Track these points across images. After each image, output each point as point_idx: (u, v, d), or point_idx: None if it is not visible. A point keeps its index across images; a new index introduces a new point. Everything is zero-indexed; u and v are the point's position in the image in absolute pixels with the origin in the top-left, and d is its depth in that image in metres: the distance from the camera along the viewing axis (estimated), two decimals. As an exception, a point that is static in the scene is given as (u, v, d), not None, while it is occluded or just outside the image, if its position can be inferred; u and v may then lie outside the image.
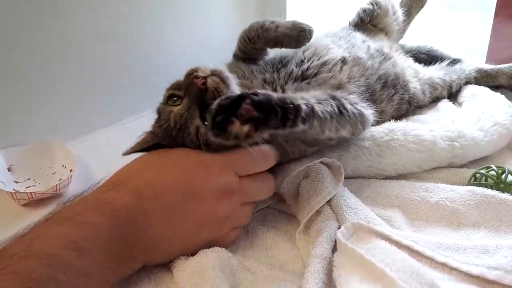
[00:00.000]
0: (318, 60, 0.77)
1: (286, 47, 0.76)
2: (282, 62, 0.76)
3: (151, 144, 0.65)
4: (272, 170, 0.66)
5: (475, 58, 1.19)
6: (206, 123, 0.59)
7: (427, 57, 1.10)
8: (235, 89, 0.63)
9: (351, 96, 0.73)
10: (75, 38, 1.00)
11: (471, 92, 0.97)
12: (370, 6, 1.02)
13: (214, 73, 0.61)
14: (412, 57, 1.05)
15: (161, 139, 0.64)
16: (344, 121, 0.66)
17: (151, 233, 0.53)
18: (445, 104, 0.95)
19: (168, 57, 1.25)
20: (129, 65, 1.15)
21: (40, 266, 0.43)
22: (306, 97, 0.61)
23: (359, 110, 0.70)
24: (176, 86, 0.66)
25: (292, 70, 0.74)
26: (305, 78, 0.74)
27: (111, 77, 1.11)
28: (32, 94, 0.94)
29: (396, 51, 0.97)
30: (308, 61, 0.77)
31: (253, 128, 0.52)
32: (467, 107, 0.90)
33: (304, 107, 0.57)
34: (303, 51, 0.79)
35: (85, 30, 1.01)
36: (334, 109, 0.63)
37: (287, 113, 0.54)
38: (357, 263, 0.51)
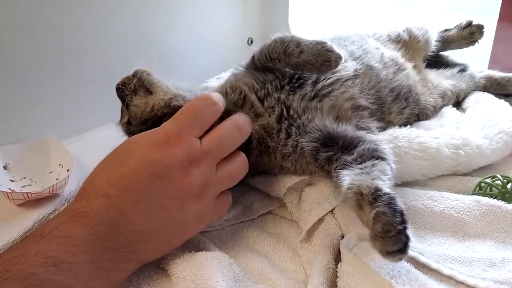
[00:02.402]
0: (332, 77, 0.74)
1: (307, 72, 0.73)
2: (299, 80, 0.73)
3: None
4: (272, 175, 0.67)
5: (477, 62, 1.18)
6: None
7: (432, 61, 1.09)
8: (154, 81, 0.71)
9: (378, 138, 0.69)
10: (73, 37, 0.99)
11: (475, 99, 0.97)
12: (401, 32, 0.99)
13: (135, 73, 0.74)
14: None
15: None
16: None
17: (134, 227, 0.51)
18: (448, 110, 0.93)
19: (167, 56, 1.23)
20: (127, 64, 1.12)
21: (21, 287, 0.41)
22: (383, 178, 0.57)
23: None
24: None
25: (306, 92, 0.71)
26: (317, 97, 0.72)
27: (109, 76, 1.08)
28: (29, 92, 0.93)
29: (410, 61, 0.94)
30: (322, 79, 0.73)
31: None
32: (471, 114, 0.89)
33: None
34: None
35: (83, 29, 1.00)
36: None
37: None
38: (363, 274, 0.49)
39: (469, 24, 1.09)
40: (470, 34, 1.09)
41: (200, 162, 0.55)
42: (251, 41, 1.45)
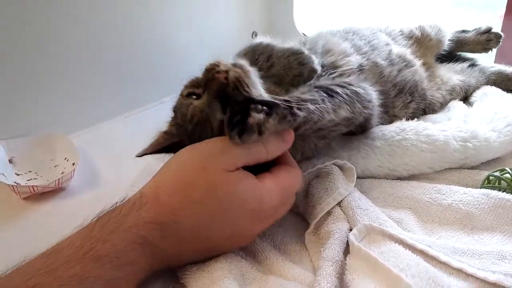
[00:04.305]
0: (335, 72, 0.74)
1: None
2: None
3: (166, 145, 0.63)
4: None
5: (483, 56, 1.17)
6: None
7: (442, 56, 1.08)
8: (256, 82, 0.59)
9: (347, 79, 0.70)
10: (79, 31, 0.98)
11: (482, 92, 0.96)
12: (414, 29, 0.99)
13: (236, 65, 0.58)
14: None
15: (176, 135, 0.62)
16: (338, 101, 0.62)
17: (183, 259, 0.53)
18: (456, 103, 0.93)
19: (172, 50, 1.23)
20: (132, 58, 1.13)
21: None
22: (291, 94, 0.59)
23: (353, 89, 0.66)
24: (194, 84, 0.62)
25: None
26: None
27: (114, 70, 1.09)
28: (35, 85, 0.93)
29: (421, 58, 0.94)
30: (323, 74, 0.72)
31: (266, 116, 0.50)
32: (478, 107, 0.89)
33: (292, 100, 0.55)
34: (322, 59, 0.77)
35: (88, 23, 1.00)
36: (321, 94, 0.61)
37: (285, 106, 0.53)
38: (372, 267, 0.49)
39: (488, 30, 1.09)
40: (486, 41, 1.09)
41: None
42: (256, 35, 1.44)
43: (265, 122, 0.50)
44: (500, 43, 1.09)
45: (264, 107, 0.51)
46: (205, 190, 0.51)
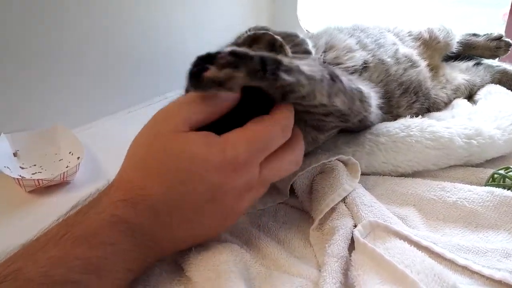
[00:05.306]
0: (337, 68, 0.73)
1: None
2: None
3: None
4: None
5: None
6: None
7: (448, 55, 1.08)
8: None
9: (353, 77, 0.69)
10: (82, 25, 0.98)
11: (486, 90, 0.96)
12: (422, 30, 1.00)
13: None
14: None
15: None
16: (337, 89, 0.58)
17: (170, 236, 0.52)
18: (460, 101, 0.93)
19: (174, 46, 1.23)
20: (136, 53, 1.13)
21: None
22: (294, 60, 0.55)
23: (358, 87, 0.64)
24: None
25: None
26: None
27: (118, 65, 1.09)
28: (39, 80, 0.93)
29: (427, 60, 0.94)
30: None
31: (225, 67, 0.46)
32: (482, 105, 0.89)
33: (286, 60, 0.51)
34: (324, 53, 0.76)
35: (91, 17, 1.00)
36: (324, 74, 0.56)
37: (265, 61, 0.48)
38: (377, 263, 0.49)
39: (499, 37, 1.09)
40: (496, 48, 1.09)
41: (254, 188, 0.54)
42: (260, 31, 1.44)
43: (224, 78, 0.46)
44: (509, 51, 1.09)
45: (232, 58, 0.46)
46: (160, 155, 0.49)
